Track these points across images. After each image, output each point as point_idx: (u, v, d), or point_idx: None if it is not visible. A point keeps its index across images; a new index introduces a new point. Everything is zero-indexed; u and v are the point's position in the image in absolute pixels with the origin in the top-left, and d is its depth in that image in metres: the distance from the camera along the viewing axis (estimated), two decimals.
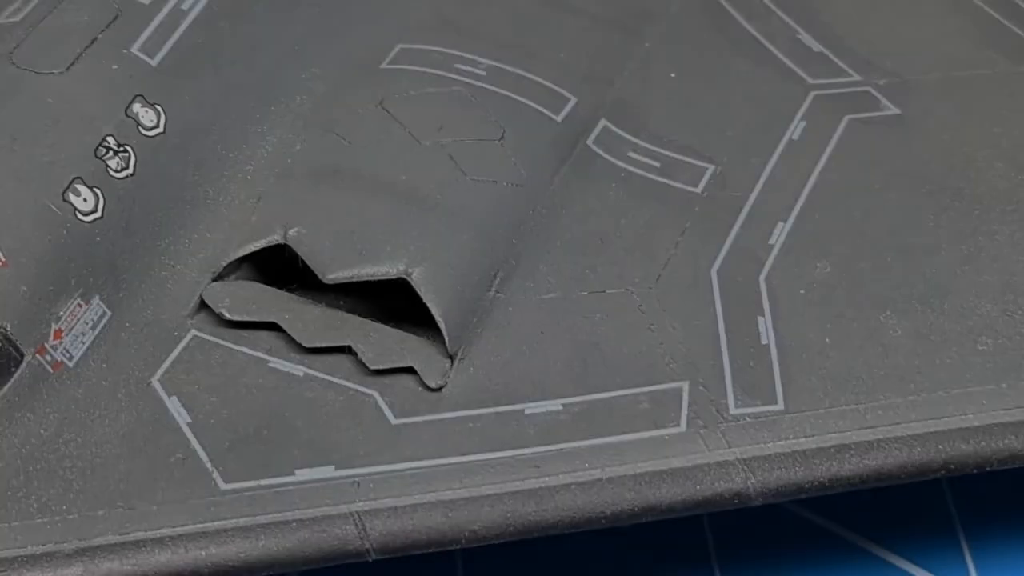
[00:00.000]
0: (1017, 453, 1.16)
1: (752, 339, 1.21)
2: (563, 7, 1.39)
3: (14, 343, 1.13)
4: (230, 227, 1.23)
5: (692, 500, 1.14)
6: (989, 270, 1.25)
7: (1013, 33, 1.42)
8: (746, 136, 1.33)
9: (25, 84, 1.22)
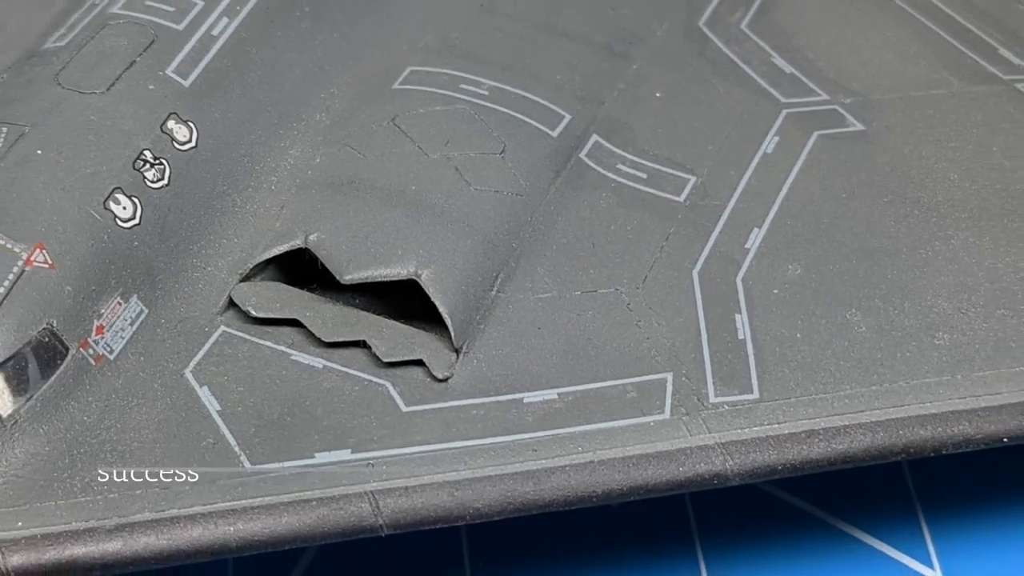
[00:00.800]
0: (970, 438, 1.16)
1: (730, 334, 1.20)
2: (558, 33, 1.38)
3: (60, 338, 1.13)
4: (256, 232, 1.23)
5: (675, 481, 1.13)
6: (945, 271, 1.25)
7: (967, 57, 1.42)
8: (724, 150, 1.32)
9: (70, 103, 1.22)
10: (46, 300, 1.13)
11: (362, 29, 1.36)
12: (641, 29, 1.40)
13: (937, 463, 1.20)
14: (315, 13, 1.34)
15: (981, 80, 1.40)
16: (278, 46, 1.31)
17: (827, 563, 1.29)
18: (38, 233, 1.14)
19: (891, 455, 1.16)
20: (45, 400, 1.12)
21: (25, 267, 1.13)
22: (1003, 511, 1.31)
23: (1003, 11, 1.46)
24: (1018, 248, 1.27)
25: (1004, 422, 1.16)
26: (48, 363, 1.12)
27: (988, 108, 1.38)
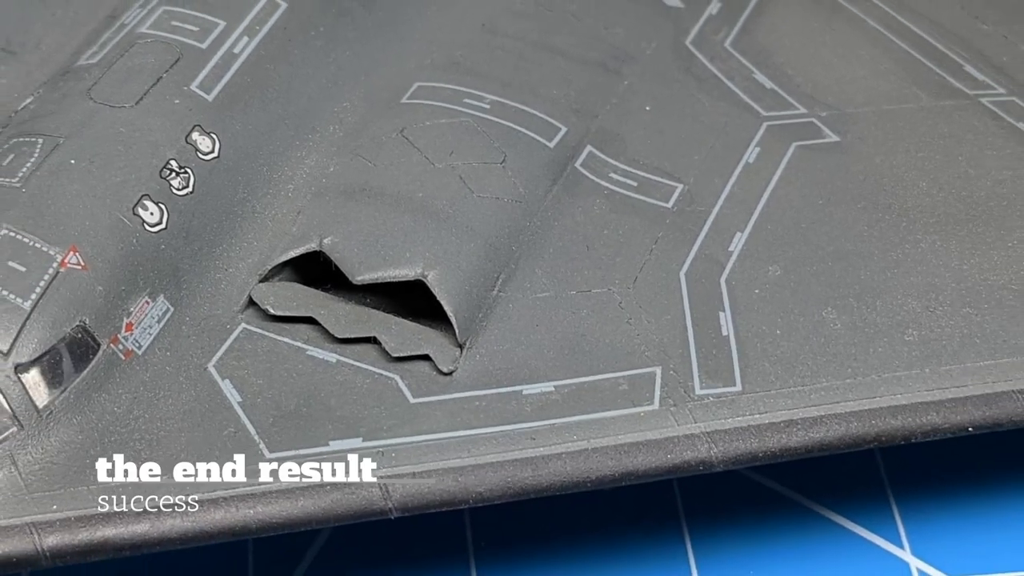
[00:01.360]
0: (938, 427, 1.16)
1: (714, 331, 1.20)
2: (555, 51, 1.38)
3: (92, 334, 1.13)
4: (274, 236, 1.23)
5: (664, 467, 1.13)
6: (914, 273, 1.25)
7: (935, 73, 1.42)
8: (709, 160, 1.32)
9: (101, 116, 1.22)
10: (79, 299, 1.13)
11: (373, 48, 1.36)
12: (632, 47, 1.40)
13: (907, 450, 1.20)
14: (329, 33, 1.34)
15: (948, 95, 1.40)
16: (295, 63, 1.31)
17: (804, 543, 1.29)
18: (72, 237, 1.14)
19: (864, 443, 1.16)
20: (78, 392, 1.12)
21: (60, 268, 1.13)
22: (967, 494, 1.31)
23: (968, 31, 1.46)
24: (982, 251, 1.27)
25: (969, 413, 1.16)
26: (81, 358, 1.12)
27: (954, 121, 1.38)
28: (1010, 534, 1.29)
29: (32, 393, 1.10)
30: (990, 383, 1.18)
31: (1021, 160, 1.34)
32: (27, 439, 1.10)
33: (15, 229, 1.13)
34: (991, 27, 1.47)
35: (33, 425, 1.10)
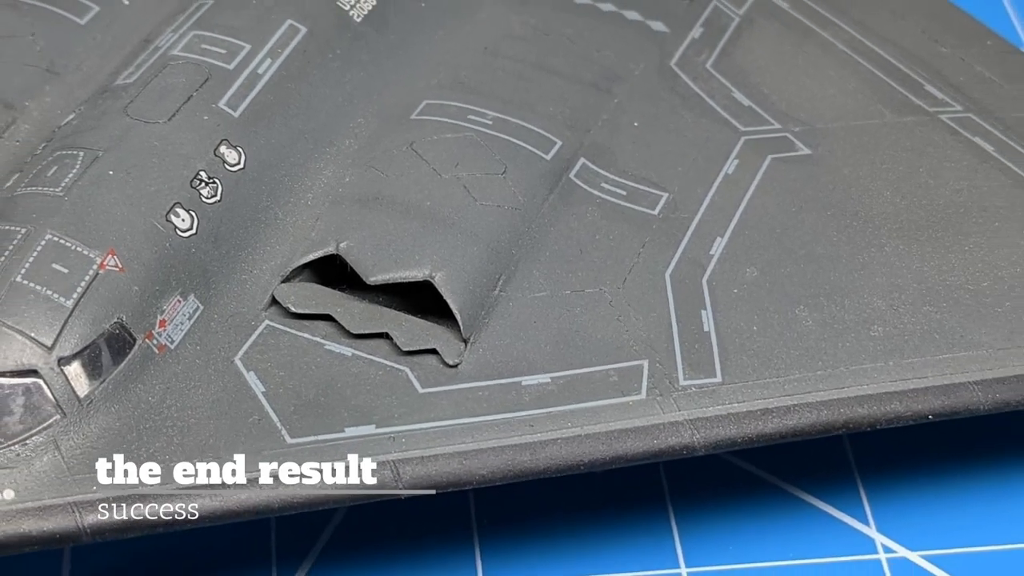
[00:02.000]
0: (900, 415, 1.16)
1: (697, 327, 1.20)
2: (551, 72, 1.38)
3: (128, 330, 1.13)
4: (295, 241, 1.23)
5: (650, 451, 1.14)
6: (879, 274, 1.25)
7: (898, 92, 1.42)
8: (692, 171, 1.32)
9: (137, 131, 1.22)
10: (117, 298, 1.13)
11: (385, 69, 1.36)
12: (621, 69, 1.40)
13: (872, 436, 1.20)
14: (345, 55, 1.34)
15: (910, 112, 1.40)
16: (314, 83, 1.31)
17: (778, 521, 1.29)
18: (110, 241, 1.14)
19: (833, 430, 1.16)
20: (116, 383, 1.12)
21: (99, 270, 1.13)
22: (927, 475, 1.32)
23: (928, 53, 1.46)
24: (941, 254, 1.27)
25: (929, 402, 1.17)
26: (118, 351, 1.12)
27: (915, 136, 1.38)
28: (966, 512, 1.29)
29: (74, 384, 1.10)
30: (948, 375, 1.18)
31: (976, 172, 1.34)
32: (69, 426, 1.10)
33: (58, 234, 1.13)
34: (949, 50, 1.47)
35: (75, 413, 1.10)
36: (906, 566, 1.25)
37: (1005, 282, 1.25)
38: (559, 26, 1.44)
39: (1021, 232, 1.29)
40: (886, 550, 1.26)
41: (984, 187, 1.33)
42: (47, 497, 1.07)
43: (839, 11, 1.49)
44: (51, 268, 1.12)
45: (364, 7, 1.38)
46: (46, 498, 1.07)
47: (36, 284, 1.11)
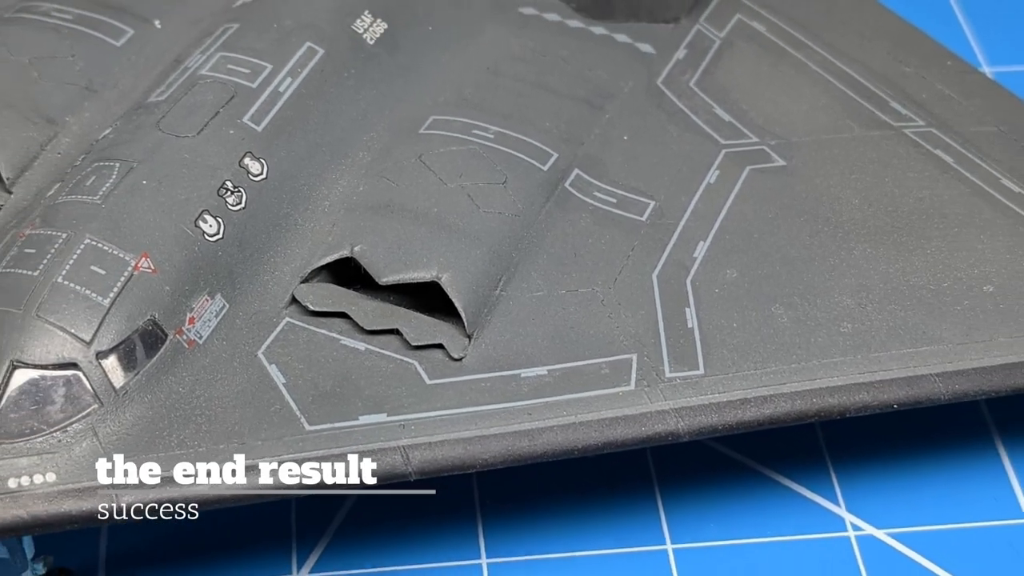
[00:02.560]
0: (867, 404, 1.16)
1: (681, 324, 1.20)
2: (548, 90, 1.38)
3: (160, 327, 1.13)
4: (313, 245, 1.23)
5: (639, 438, 1.14)
6: (848, 275, 1.25)
7: (865, 108, 1.42)
8: (677, 181, 1.32)
9: (168, 144, 1.22)
10: (150, 297, 1.13)
11: (395, 87, 1.36)
12: (612, 87, 1.40)
13: (842, 423, 1.20)
14: (359, 75, 1.34)
15: (876, 126, 1.40)
16: (330, 100, 1.31)
17: (755, 501, 1.29)
18: (143, 245, 1.14)
19: (806, 418, 1.16)
20: (149, 375, 1.12)
21: (133, 272, 1.13)
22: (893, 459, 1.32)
23: (893, 73, 1.47)
24: (905, 257, 1.27)
25: (894, 392, 1.17)
26: (151, 346, 1.12)
27: (882, 148, 1.38)
28: (927, 493, 1.29)
29: (110, 376, 1.10)
30: (911, 368, 1.18)
31: (937, 181, 1.34)
32: (106, 414, 1.10)
33: (96, 239, 1.13)
34: (912, 69, 1.47)
35: (111, 402, 1.10)
36: (873, 543, 1.25)
37: (963, 283, 1.25)
38: (555, 48, 1.44)
39: (978, 237, 1.29)
40: (854, 528, 1.26)
41: (944, 195, 1.33)
42: (86, 480, 1.07)
43: (811, 34, 1.49)
44: (90, 270, 1.12)
45: (376, 30, 1.38)
46: (85, 480, 1.07)
47: (76, 284, 1.11)
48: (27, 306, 1.10)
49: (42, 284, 1.11)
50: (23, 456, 1.07)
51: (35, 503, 1.06)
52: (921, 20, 1.56)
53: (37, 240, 1.14)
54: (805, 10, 1.52)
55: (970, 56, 1.64)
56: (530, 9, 1.48)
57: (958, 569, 1.24)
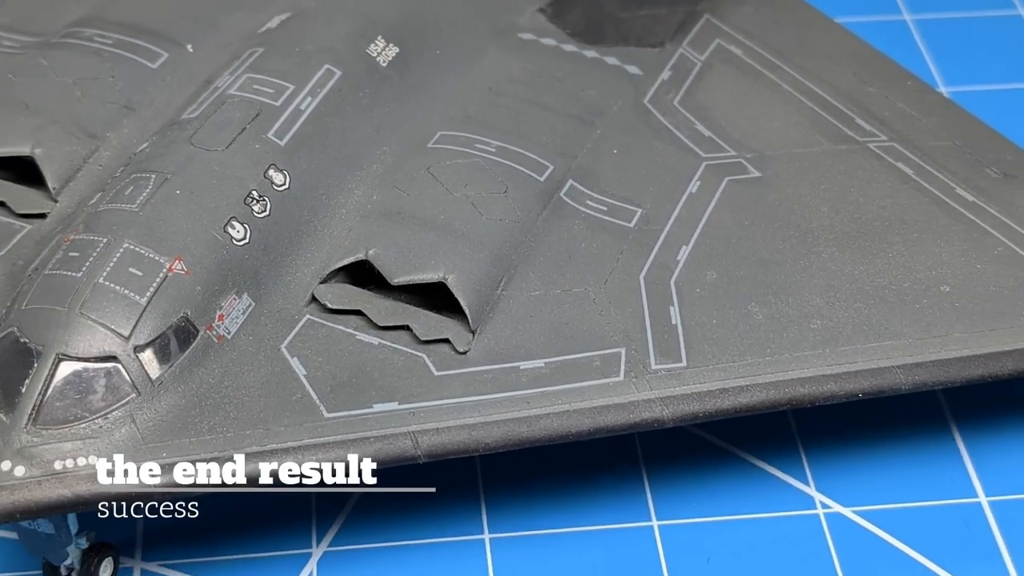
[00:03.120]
0: (835, 394, 1.16)
1: (666, 321, 1.20)
2: (544, 108, 1.38)
3: (192, 323, 1.13)
4: (331, 249, 1.23)
5: (627, 424, 1.14)
6: (817, 276, 1.25)
7: (833, 124, 1.42)
8: (662, 190, 1.32)
9: (199, 157, 1.22)
10: (183, 296, 1.13)
11: (406, 106, 1.36)
12: (603, 105, 1.40)
13: (812, 411, 1.20)
14: (373, 94, 1.34)
15: (843, 141, 1.40)
16: (347, 117, 1.31)
17: (732, 481, 1.29)
18: (177, 249, 1.14)
19: (779, 406, 1.16)
20: (182, 367, 1.12)
21: (168, 273, 1.13)
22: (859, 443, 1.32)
23: (858, 92, 1.46)
24: (869, 259, 1.27)
25: (859, 382, 1.17)
26: (184, 341, 1.12)
27: (848, 161, 1.38)
28: (891, 473, 1.29)
29: (147, 368, 1.10)
30: (875, 360, 1.18)
31: (898, 191, 1.34)
32: (143, 403, 1.10)
33: (134, 243, 1.13)
34: (876, 89, 1.47)
35: (148, 392, 1.10)
36: (840, 519, 1.25)
37: (922, 283, 1.25)
38: (551, 70, 1.44)
39: (936, 242, 1.29)
40: (823, 506, 1.26)
41: (905, 204, 1.33)
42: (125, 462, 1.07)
43: (784, 57, 1.49)
44: (128, 271, 1.12)
45: (388, 54, 1.38)
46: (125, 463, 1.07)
47: (116, 285, 1.11)
48: (71, 304, 1.10)
49: (85, 284, 1.11)
50: (67, 441, 1.07)
51: (78, 483, 1.06)
52: (884, 44, 1.56)
53: (80, 244, 1.14)
54: (778, 36, 1.52)
55: (928, 77, 1.64)
56: (528, 35, 1.48)
57: (917, 543, 1.24)
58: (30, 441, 1.07)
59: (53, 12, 1.46)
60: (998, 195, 1.34)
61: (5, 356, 1.09)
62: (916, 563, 1.22)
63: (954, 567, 1.22)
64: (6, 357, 1.09)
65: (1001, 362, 1.19)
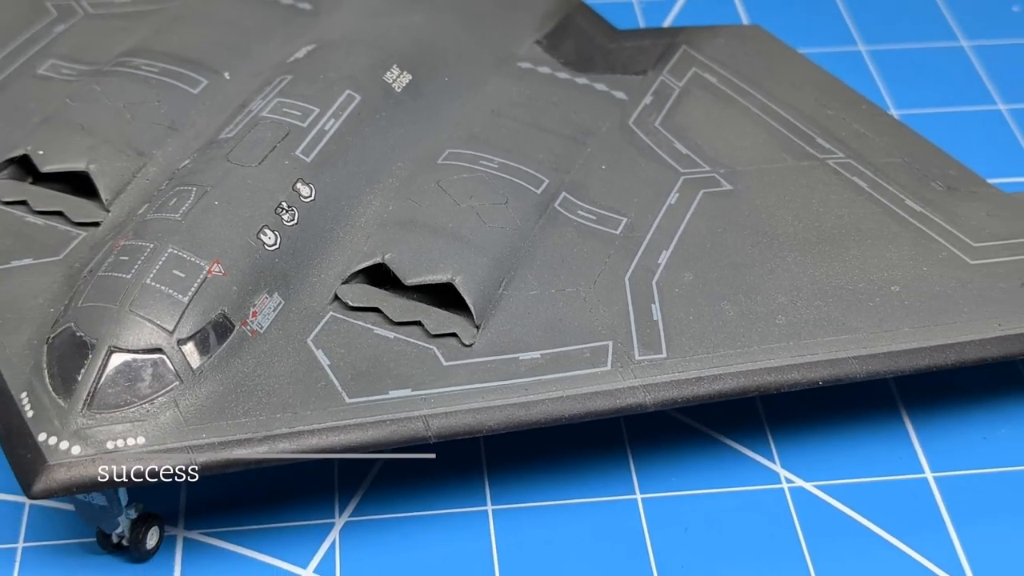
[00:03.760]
0: (798, 382, 1.17)
1: (648, 317, 1.20)
2: (541, 128, 1.38)
3: (229, 319, 1.13)
4: (352, 253, 1.23)
5: (614, 408, 1.14)
6: (782, 277, 1.25)
7: (796, 143, 1.42)
8: (644, 202, 1.32)
9: (235, 172, 1.22)
10: (220, 295, 1.13)
11: (418, 127, 1.36)
12: (592, 126, 1.40)
13: (778, 396, 1.21)
14: (389, 116, 1.35)
15: (805, 158, 1.40)
16: (366, 137, 1.31)
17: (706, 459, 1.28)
18: (215, 253, 1.14)
19: (748, 392, 1.16)
20: (220, 358, 1.12)
21: (207, 275, 1.13)
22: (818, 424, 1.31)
23: (819, 115, 1.46)
24: (827, 263, 1.27)
25: (819, 372, 1.17)
26: (221, 335, 1.12)
27: (809, 176, 1.37)
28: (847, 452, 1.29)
29: (189, 358, 1.10)
30: (833, 352, 1.18)
31: (854, 202, 1.34)
32: (185, 389, 1.10)
33: (177, 248, 1.14)
34: (834, 112, 1.47)
35: (189, 380, 1.10)
36: (802, 493, 1.25)
37: (875, 284, 1.25)
38: (546, 95, 1.44)
39: (887, 247, 1.29)
40: (787, 481, 1.26)
41: (860, 214, 1.33)
42: (170, 442, 1.07)
43: (754, 84, 1.49)
44: (172, 273, 1.12)
45: (403, 81, 1.38)
46: (169, 443, 1.07)
47: (161, 285, 1.11)
48: (121, 303, 1.10)
49: (134, 285, 1.11)
50: (118, 423, 1.07)
51: (128, 461, 1.06)
52: (841, 72, 1.56)
53: (130, 249, 1.14)
54: (748, 65, 1.52)
55: (881, 101, 1.64)
56: (526, 64, 1.48)
57: (870, 514, 1.24)
58: (85, 424, 1.07)
59: (105, 43, 1.46)
60: (942, 206, 1.34)
61: (63, 348, 1.10)
62: (870, 531, 1.22)
63: (903, 535, 1.21)
64: (64, 349, 1.10)
65: (945, 354, 1.19)
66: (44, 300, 1.17)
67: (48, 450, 1.06)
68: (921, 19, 1.77)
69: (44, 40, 1.47)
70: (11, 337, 1.14)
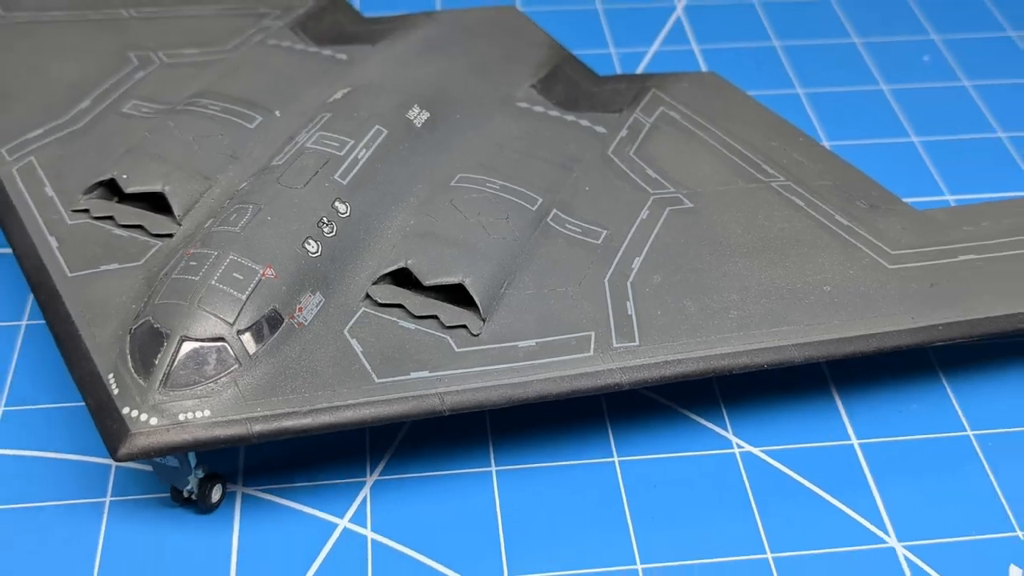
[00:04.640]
0: (747, 365, 1.17)
1: (624, 312, 1.21)
2: (536, 157, 1.38)
3: (279, 313, 1.14)
4: (380, 260, 1.23)
5: (595, 387, 1.14)
6: (735, 279, 1.25)
7: (745, 169, 1.42)
8: (621, 217, 1.32)
9: (285, 193, 1.22)
10: (272, 294, 1.13)
11: (434, 155, 1.37)
12: (578, 155, 1.40)
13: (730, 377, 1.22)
14: (411, 147, 1.35)
15: (753, 181, 1.40)
16: (392, 164, 1.31)
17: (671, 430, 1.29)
18: (268, 259, 1.15)
19: (706, 374, 1.17)
20: (271, 345, 1.13)
21: (261, 277, 1.14)
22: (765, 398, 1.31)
23: (764, 146, 1.46)
24: (771, 267, 1.27)
25: (765, 357, 1.18)
26: (273, 326, 1.13)
27: (757, 196, 1.38)
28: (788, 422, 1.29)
29: (246, 346, 1.11)
30: (776, 340, 1.19)
31: (793, 218, 1.34)
32: (244, 371, 1.10)
33: (237, 255, 1.14)
34: (777, 143, 1.47)
35: (247, 363, 1.11)
36: (751, 457, 1.26)
37: (811, 285, 1.25)
38: (541, 129, 1.44)
39: (820, 254, 1.29)
40: (738, 446, 1.27)
41: (799, 227, 1.33)
42: (231, 415, 1.08)
43: (712, 121, 1.49)
44: (233, 276, 1.13)
45: (422, 118, 1.39)
46: (230, 415, 1.08)
47: (224, 285, 1.12)
48: (191, 300, 1.11)
49: (201, 285, 1.12)
50: (188, 399, 1.08)
51: (196, 430, 1.07)
52: (783, 110, 1.57)
53: (198, 256, 1.15)
54: (707, 105, 1.52)
55: (815, 134, 1.64)
56: (524, 104, 1.49)
57: (807, 474, 1.25)
58: (161, 400, 1.08)
59: (177, 87, 1.47)
60: (866, 221, 1.35)
61: (143, 338, 1.11)
62: (806, 488, 1.22)
63: (833, 491, 1.22)
64: (144, 339, 1.11)
65: (868, 342, 1.20)
66: (127, 298, 1.18)
67: (131, 421, 1.07)
68: (849, 67, 1.78)
69: (127, 85, 1.48)
70: (100, 328, 1.15)
